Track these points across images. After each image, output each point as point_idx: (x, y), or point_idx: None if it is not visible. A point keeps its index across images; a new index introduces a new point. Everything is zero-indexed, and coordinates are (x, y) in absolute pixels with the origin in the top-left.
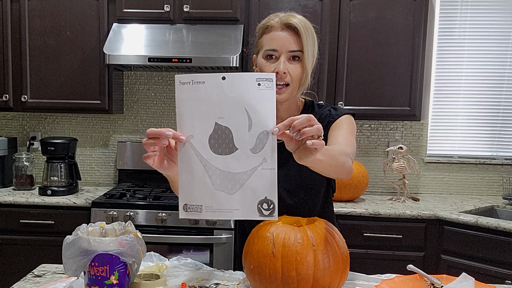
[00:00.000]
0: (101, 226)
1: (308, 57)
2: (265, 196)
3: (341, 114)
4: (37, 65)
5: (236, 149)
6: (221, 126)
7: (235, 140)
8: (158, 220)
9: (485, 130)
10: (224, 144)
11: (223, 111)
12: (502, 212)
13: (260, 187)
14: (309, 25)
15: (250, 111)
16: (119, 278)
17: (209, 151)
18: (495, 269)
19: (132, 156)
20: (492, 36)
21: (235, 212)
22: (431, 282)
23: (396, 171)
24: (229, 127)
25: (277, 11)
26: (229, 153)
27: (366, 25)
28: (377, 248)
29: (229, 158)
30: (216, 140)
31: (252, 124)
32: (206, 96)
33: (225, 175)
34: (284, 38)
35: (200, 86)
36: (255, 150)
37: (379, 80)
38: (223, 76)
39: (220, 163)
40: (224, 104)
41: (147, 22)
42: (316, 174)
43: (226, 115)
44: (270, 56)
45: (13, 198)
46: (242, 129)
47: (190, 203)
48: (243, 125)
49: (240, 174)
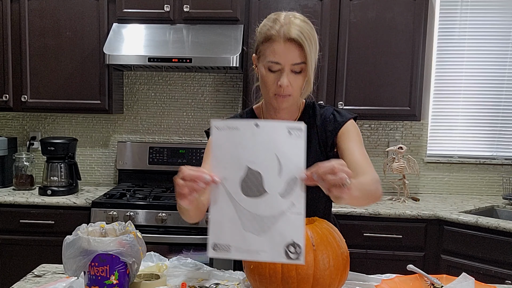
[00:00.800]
0: (101, 226)
1: (311, 67)
2: (292, 239)
3: (346, 119)
4: (37, 65)
5: (266, 193)
6: (253, 170)
7: (265, 184)
8: (158, 220)
9: (485, 130)
10: (254, 187)
11: (255, 156)
12: (502, 212)
13: (287, 230)
14: (311, 31)
15: (281, 157)
16: (119, 278)
17: (240, 194)
18: (495, 269)
19: (132, 156)
20: (492, 36)
21: (263, 254)
22: (431, 282)
23: (396, 171)
24: (260, 172)
25: (277, 11)
26: (259, 196)
27: (366, 25)
28: (377, 248)
29: (259, 201)
30: (247, 183)
31: (282, 170)
32: (239, 142)
33: (254, 217)
34: (287, 51)
35: (234, 132)
36: (284, 194)
37: (379, 80)
38: (256, 123)
39: (250, 205)
40: (256, 149)
41: (147, 22)
42: None
43: (258, 160)
44: (272, 67)
45: (13, 198)
46: (272, 174)
47: (219, 242)
48: (273, 170)
49: (269, 217)
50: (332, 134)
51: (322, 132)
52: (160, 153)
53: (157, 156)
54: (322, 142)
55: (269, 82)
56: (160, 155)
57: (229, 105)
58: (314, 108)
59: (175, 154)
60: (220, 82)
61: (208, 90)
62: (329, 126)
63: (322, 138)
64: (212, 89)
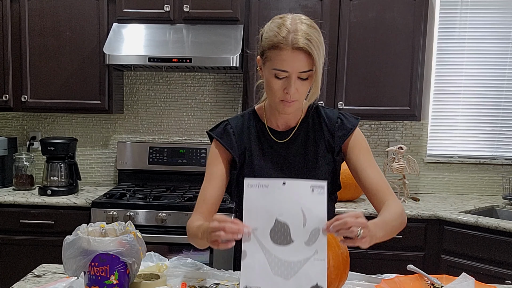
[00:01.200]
0: (101, 226)
1: (320, 73)
2: (316, 283)
3: (354, 126)
4: (37, 65)
5: (292, 241)
6: (281, 222)
7: (292, 234)
8: (158, 220)
9: (485, 130)
10: (282, 236)
11: (283, 210)
12: (502, 212)
13: (312, 274)
14: (318, 37)
15: (305, 211)
16: (119, 278)
17: (270, 242)
18: (495, 269)
19: (132, 156)
20: (492, 36)
21: None
22: (431, 282)
23: (396, 171)
24: (287, 223)
25: (277, 11)
26: (286, 244)
27: (366, 25)
28: (377, 248)
29: (286, 248)
30: (276, 233)
31: (307, 222)
32: (269, 197)
33: (282, 262)
34: (294, 59)
35: (264, 188)
36: (309, 243)
37: (379, 80)
38: (284, 182)
39: (279, 252)
40: (283, 204)
41: (147, 22)
42: (323, 175)
43: (285, 213)
44: (279, 74)
45: (13, 198)
46: (298, 225)
47: (250, 285)
48: (299, 222)
49: (295, 262)
50: (341, 140)
51: (329, 136)
52: (160, 153)
53: (157, 156)
54: (329, 146)
55: (276, 88)
56: (160, 155)
57: (229, 105)
58: (317, 109)
59: (175, 154)
60: (220, 82)
61: (208, 90)
62: (337, 131)
63: (329, 142)
64: (212, 89)
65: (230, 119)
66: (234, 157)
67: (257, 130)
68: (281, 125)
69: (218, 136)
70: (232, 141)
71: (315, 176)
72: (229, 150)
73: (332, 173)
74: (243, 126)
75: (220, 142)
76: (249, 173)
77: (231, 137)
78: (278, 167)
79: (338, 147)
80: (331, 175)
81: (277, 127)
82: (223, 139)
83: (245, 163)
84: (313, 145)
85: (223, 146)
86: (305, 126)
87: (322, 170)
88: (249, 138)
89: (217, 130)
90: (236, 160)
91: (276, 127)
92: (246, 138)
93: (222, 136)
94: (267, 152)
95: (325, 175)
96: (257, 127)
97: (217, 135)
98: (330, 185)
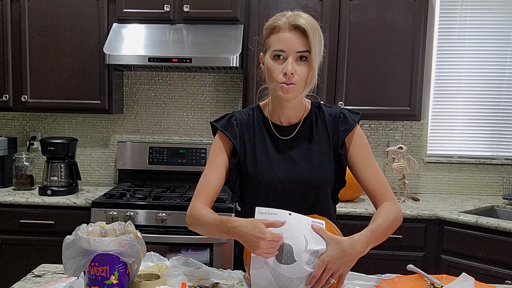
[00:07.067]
0: (101, 226)
1: (315, 57)
2: None
3: (356, 122)
4: (37, 65)
5: (295, 261)
6: (286, 243)
7: (295, 254)
8: (158, 220)
9: (485, 130)
10: (286, 256)
11: (288, 234)
12: (502, 212)
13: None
14: (316, 24)
15: (307, 236)
16: (119, 278)
17: (275, 261)
18: (495, 269)
19: (132, 156)
20: (492, 36)
21: None
22: (431, 282)
23: (396, 171)
24: (291, 245)
25: (277, 11)
26: (290, 263)
27: (366, 25)
28: (377, 248)
29: (290, 266)
30: (281, 253)
31: (308, 245)
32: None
33: (286, 278)
34: (291, 39)
35: (273, 216)
36: (309, 262)
37: (379, 80)
38: (290, 213)
39: (283, 270)
40: (289, 229)
41: (147, 22)
42: (325, 176)
43: (290, 237)
44: (278, 56)
45: (13, 198)
46: (300, 247)
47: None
48: (301, 245)
49: (297, 278)
50: (344, 134)
51: (333, 131)
52: (160, 153)
53: (157, 156)
54: (333, 141)
55: (275, 71)
56: (160, 155)
57: (229, 105)
58: (320, 107)
59: (175, 154)
60: (220, 82)
61: (208, 90)
62: (340, 126)
63: (333, 137)
64: (212, 89)
65: (234, 112)
66: (236, 146)
67: (260, 124)
68: (284, 121)
69: (222, 127)
70: (236, 133)
71: (319, 174)
72: (232, 140)
73: (336, 170)
74: (248, 119)
75: (224, 132)
76: (252, 169)
77: (235, 128)
78: (281, 164)
79: (342, 140)
80: (335, 172)
81: (280, 122)
82: (227, 130)
83: (247, 156)
84: (317, 142)
85: (226, 137)
86: (308, 122)
87: (326, 168)
88: (253, 131)
89: (221, 121)
90: (237, 150)
91: (279, 122)
92: (250, 131)
93: (226, 127)
94: (270, 148)
95: (329, 173)
96: (261, 121)
97: (221, 126)
98: (334, 182)
